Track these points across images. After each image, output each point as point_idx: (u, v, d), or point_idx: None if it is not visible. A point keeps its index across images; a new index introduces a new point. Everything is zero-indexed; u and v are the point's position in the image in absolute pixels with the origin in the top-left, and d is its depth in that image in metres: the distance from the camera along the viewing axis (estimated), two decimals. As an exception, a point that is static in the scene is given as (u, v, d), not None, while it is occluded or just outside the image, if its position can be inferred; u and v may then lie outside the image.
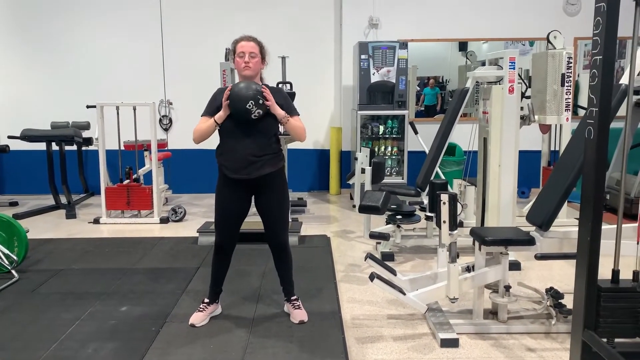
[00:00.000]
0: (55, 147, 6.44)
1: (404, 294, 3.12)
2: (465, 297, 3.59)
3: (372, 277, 3.09)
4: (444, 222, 3.05)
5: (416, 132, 6.39)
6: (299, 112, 3.18)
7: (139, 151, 6.42)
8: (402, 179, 6.85)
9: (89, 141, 6.73)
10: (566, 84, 4.32)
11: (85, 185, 7.34)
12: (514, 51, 4.18)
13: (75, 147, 6.99)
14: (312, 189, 7.81)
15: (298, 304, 3.36)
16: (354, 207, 6.39)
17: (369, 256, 3.43)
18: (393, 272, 3.35)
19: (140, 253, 4.76)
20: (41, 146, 6.55)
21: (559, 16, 7.30)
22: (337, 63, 7.51)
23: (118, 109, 5.90)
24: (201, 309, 3.30)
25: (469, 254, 4.46)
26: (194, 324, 3.22)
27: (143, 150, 6.48)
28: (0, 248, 4.09)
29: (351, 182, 6.41)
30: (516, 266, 4.20)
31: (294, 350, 2.91)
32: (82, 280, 4.07)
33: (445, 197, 3.02)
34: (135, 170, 6.30)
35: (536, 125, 4.91)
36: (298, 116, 3.16)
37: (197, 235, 5.12)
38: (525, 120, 4.35)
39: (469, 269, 3.21)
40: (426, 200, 4.14)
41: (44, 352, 2.91)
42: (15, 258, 4.14)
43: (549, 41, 4.55)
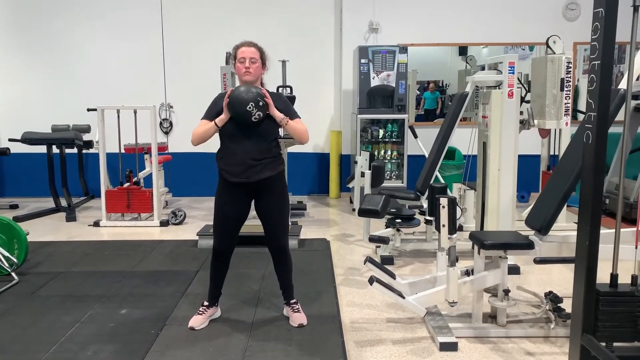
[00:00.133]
0: (55, 150, 6.45)
1: (403, 297, 3.12)
2: (465, 300, 3.59)
3: (371, 280, 3.10)
4: (444, 226, 3.06)
5: (416, 136, 6.40)
6: (299, 115, 3.19)
7: (139, 154, 6.44)
8: (402, 182, 6.86)
9: (89, 144, 6.74)
10: (565, 89, 4.33)
11: (86, 188, 7.35)
12: (513, 56, 4.20)
13: (75, 150, 7.00)
14: (312, 192, 7.81)
15: (297, 307, 3.36)
16: (354, 210, 6.40)
17: (368, 260, 3.43)
18: (392, 275, 3.36)
19: (140, 256, 4.76)
20: (42, 149, 6.56)
21: (558, 21, 7.33)
22: (337, 67, 7.53)
23: (119, 112, 5.92)
24: (200, 312, 3.31)
25: (469, 257, 4.47)
26: (193, 327, 3.23)
27: (143, 153, 6.49)
28: (1, 250, 4.09)
29: (351, 185, 6.42)
30: (515, 270, 4.20)
31: (293, 354, 2.92)
32: (82, 282, 4.07)
33: (444, 201, 3.03)
34: (135, 173, 6.31)
35: (535, 130, 4.92)
36: (299, 119, 3.17)
37: (196, 238, 5.13)
38: (525, 124, 4.36)
39: (468, 272, 3.22)
40: (426, 204, 4.15)
41: (43, 355, 2.92)
42: (15, 260, 4.15)
43: (548, 46, 4.56)
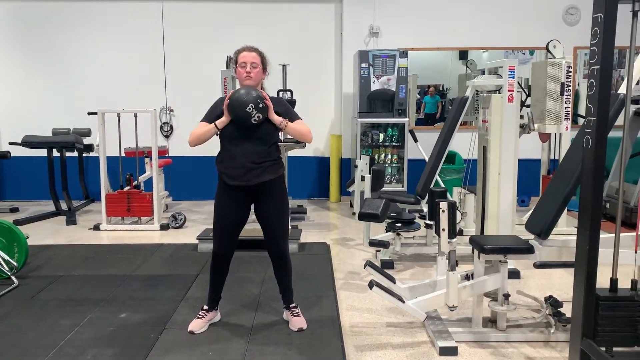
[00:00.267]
0: (56, 154, 6.46)
1: (403, 301, 3.12)
2: (465, 305, 3.59)
3: (371, 284, 3.09)
4: (444, 230, 3.06)
5: (416, 140, 6.41)
6: (300, 117, 3.20)
7: (139, 158, 6.44)
8: (402, 186, 6.86)
9: (90, 148, 6.75)
10: (566, 93, 4.34)
11: (86, 192, 7.36)
12: (513, 60, 4.20)
13: (76, 154, 7.01)
14: (312, 196, 7.82)
15: (297, 311, 3.36)
16: (354, 214, 6.40)
17: (368, 264, 3.43)
18: (392, 279, 3.35)
19: (140, 260, 4.76)
20: (42, 152, 6.57)
21: (558, 26, 7.35)
22: (338, 71, 7.54)
23: (119, 115, 5.93)
24: (200, 316, 3.30)
25: (469, 262, 4.47)
26: (193, 331, 3.23)
27: (144, 157, 6.50)
28: (1, 254, 4.09)
29: (351, 189, 6.42)
30: (515, 274, 4.19)
31: (292, 358, 2.91)
32: (82, 286, 4.07)
33: (444, 205, 3.03)
34: (135, 176, 6.31)
35: (536, 134, 4.92)
36: (300, 120, 3.18)
37: (196, 242, 5.13)
38: (525, 128, 4.37)
39: (468, 277, 3.21)
40: (426, 208, 4.15)
41: (42, 359, 2.91)
42: (15, 264, 4.15)
43: (548, 50, 4.57)
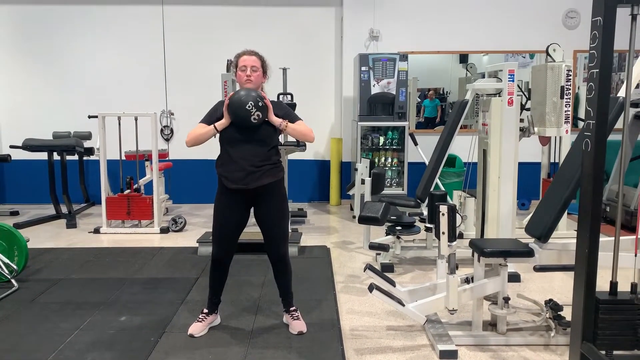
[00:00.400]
0: (56, 157, 6.46)
1: (403, 305, 3.11)
2: (465, 308, 3.58)
3: (371, 288, 3.09)
4: (443, 233, 3.06)
5: (416, 144, 6.41)
6: (301, 118, 3.20)
7: (140, 161, 6.45)
8: (402, 190, 6.86)
9: (90, 151, 6.76)
10: (565, 96, 4.35)
11: (86, 195, 7.36)
12: (513, 64, 4.21)
13: (76, 157, 7.02)
14: (312, 199, 7.82)
15: (297, 314, 3.36)
16: (354, 217, 6.40)
17: (368, 267, 3.43)
18: (392, 283, 3.35)
19: (140, 263, 4.76)
20: (42, 156, 6.58)
21: (558, 29, 7.37)
22: (338, 74, 7.56)
23: (120, 119, 5.93)
24: (200, 319, 3.30)
25: (469, 265, 4.47)
26: (192, 334, 3.22)
27: (144, 160, 6.50)
28: (1, 257, 4.09)
29: (351, 192, 6.43)
30: (515, 278, 4.19)
31: (292, 361, 2.91)
32: (82, 289, 4.07)
33: (444, 209, 3.03)
34: (136, 180, 6.32)
35: (536, 137, 4.93)
36: (301, 120, 3.18)
37: (197, 245, 5.12)
38: (525, 132, 4.37)
39: (468, 280, 3.21)
40: (426, 211, 4.15)
41: (42, 362, 2.92)
42: (15, 267, 4.14)
43: (548, 54, 4.58)
